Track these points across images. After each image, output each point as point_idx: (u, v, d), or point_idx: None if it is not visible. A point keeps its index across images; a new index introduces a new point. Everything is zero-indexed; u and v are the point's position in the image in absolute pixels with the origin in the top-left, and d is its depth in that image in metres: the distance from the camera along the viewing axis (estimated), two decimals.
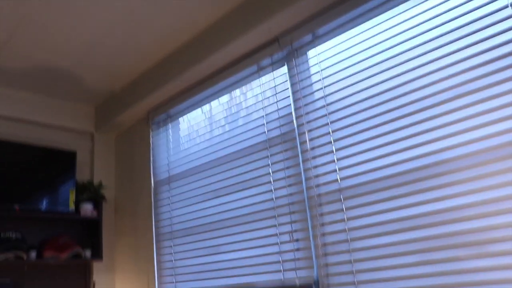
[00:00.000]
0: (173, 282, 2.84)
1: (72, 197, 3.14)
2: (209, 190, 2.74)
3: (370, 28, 2.09)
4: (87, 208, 3.19)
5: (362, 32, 2.12)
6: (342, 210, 2.05)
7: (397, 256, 1.84)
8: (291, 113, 2.35)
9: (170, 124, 3.16)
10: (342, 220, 2.04)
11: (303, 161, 2.24)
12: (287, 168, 2.31)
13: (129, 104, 3.21)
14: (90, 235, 3.30)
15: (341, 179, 2.08)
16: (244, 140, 2.58)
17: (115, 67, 3.05)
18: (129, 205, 3.38)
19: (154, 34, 2.69)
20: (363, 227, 1.96)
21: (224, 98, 2.77)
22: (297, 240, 2.20)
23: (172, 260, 2.89)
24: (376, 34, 2.06)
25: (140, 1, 2.36)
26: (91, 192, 3.26)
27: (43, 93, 3.32)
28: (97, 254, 3.17)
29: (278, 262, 2.25)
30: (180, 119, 3.09)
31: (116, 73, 3.13)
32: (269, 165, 2.41)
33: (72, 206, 3.11)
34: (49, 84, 3.20)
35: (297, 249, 2.18)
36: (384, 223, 1.90)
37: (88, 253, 3.14)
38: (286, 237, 2.25)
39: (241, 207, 2.51)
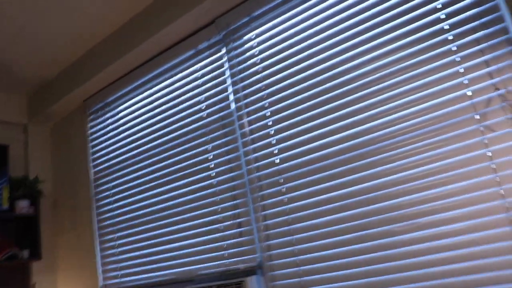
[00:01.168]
0: (118, 277, 2.76)
1: (5, 194, 2.96)
2: (150, 178, 2.67)
3: (305, 9, 2.09)
4: (23, 205, 3.03)
5: (298, 14, 2.12)
6: (283, 192, 2.05)
7: (335, 234, 1.87)
8: (229, 96, 2.32)
9: (108, 113, 3.04)
10: (283, 202, 2.05)
11: (243, 144, 2.23)
12: (227, 152, 2.29)
13: (64, 93, 3.07)
14: (27, 233, 3.13)
15: (281, 161, 2.08)
16: (183, 125, 2.53)
17: (46, 55, 2.90)
18: (68, 199, 3.24)
19: (86, 20, 2.58)
20: (303, 208, 1.98)
21: (163, 84, 2.70)
22: (239, 225, 2.18)
23: (115, 254, 2.81)
24: (311, 15, 2.07)
25: None
26: (26, 188, 3.09)
27: None
28: (36, 253, 3.02)
29: (222, 248, 2.23)
30: (119, 107, 2.98)
31: (48, 61, 2.98)
32: (209, 150, 2.37)
33: (6, 204, 2.93)
34: None
35: (240, 234, 2.17)
36: (322, 203, 1.92)
37: (26, 253, 2.99)
38: (228, 223, 2.23)
39: (183, 194, 2.47)
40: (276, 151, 2.10)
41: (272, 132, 2.13)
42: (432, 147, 1.66)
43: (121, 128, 2.93)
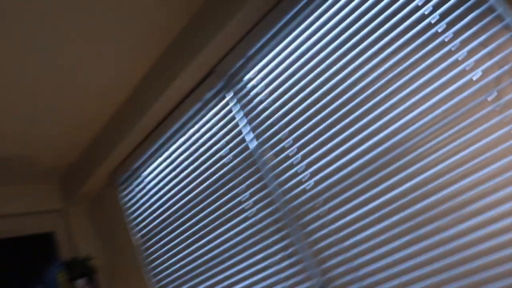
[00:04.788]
0: None
1: (61, 279, 3.06)
2: (191, 232, 2.73)
3: (298, 35, 2.15)
4: (82, 284, 3.12)
5: (291, 41, 2.18)
6: (323, 214, 2.08)
7: (385, 243, 1.88)
8: (244, 139, 2.39)
9: (136, 180, 3.14)
10: (327, 224, 2.07)
11: (272, 178, 2.28)
12: (259, 189, 2.34)
13: (90, 171, 3.17)
14: None
15: (313, 185, 2.12)
16: (210, 175, 2.60)
17: (65, 139, 3.00)
18: (122, 269, 3.32)
19: (95, 97, 2.68)
20: (349, 224, 2.00)
21: (180, 140, 2.78)
22: (290, 256, 2.22)
23: None
24: (305, 39, 2.12)
25: (68, 63, 2.35)
26: (80, 267, 3.19)
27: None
28: None
29: (279, 282, 2.26)
30: (144, 171, 3.07)
31: (68, 144, 3.08)
32: (240, 192, 2.43)
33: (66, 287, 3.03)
34: (2, 174, 3.10)
35: (296, 263, 2.20)
36: (365, 216, 1.94)
37: None
38: (279, 256, 2.26)
39: (226, 241, 2.52)
40: (306, 177, 2.14)
41: (299, 159, 2.17)
42: (456, 136, 1.68)
43: (151, 192, 3.01)
